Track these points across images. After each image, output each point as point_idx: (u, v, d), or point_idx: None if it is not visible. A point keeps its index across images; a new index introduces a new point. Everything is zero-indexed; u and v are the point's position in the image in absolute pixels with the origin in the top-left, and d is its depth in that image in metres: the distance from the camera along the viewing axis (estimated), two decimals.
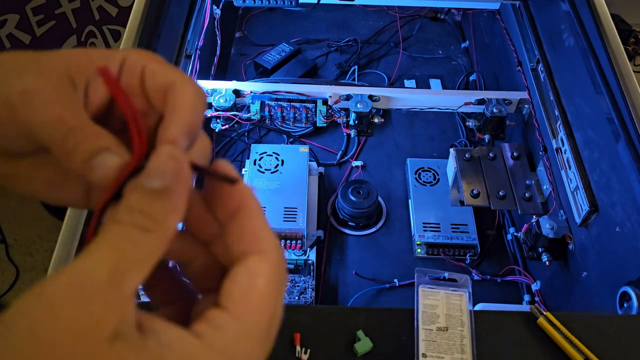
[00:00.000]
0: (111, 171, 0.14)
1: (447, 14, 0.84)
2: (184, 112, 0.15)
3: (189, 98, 0.15)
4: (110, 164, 0.14)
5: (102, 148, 0.15)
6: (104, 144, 0.15)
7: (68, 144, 0.14)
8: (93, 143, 0.15)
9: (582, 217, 0.44)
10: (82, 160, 0.14)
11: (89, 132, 0.15)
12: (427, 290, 0.33)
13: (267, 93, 0.56)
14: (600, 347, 0.31)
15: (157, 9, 0.47)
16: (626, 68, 0.44)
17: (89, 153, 0.14)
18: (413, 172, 0.60)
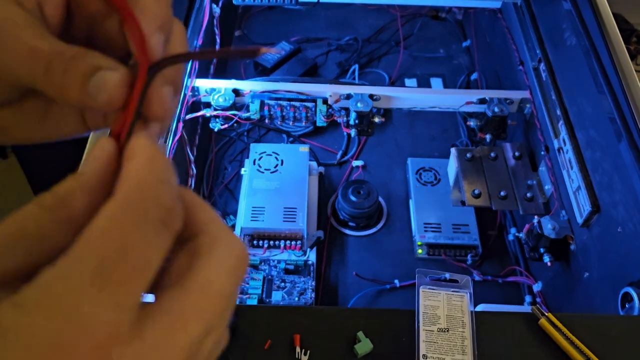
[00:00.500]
0: (116, 90, 0.13)
1: (448, 13, 0.83)
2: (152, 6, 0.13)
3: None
4: (111, 82, 0.13)
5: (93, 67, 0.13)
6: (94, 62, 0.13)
7: (54, 76, 0.13)
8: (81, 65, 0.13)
9: (584, 217, 0.44)
10: (77, 90, 0.13)
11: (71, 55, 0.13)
12: (428, 291, 0.33)
13: (266, 92, 0.55)
14: (602, 348, 0.30)
15: None
16: (628, 67, 0.43)
17: (81, 77, 0.13)
18: (414, 172, 0.60)
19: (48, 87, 0.13)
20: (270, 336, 0.30)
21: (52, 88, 0.13)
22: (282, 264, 0.52)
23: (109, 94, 0.13)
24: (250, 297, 0.49)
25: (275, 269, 0.52)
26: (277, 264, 0.52)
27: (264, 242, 0.53)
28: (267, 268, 0.52)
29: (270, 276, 0.51)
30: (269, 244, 0.53)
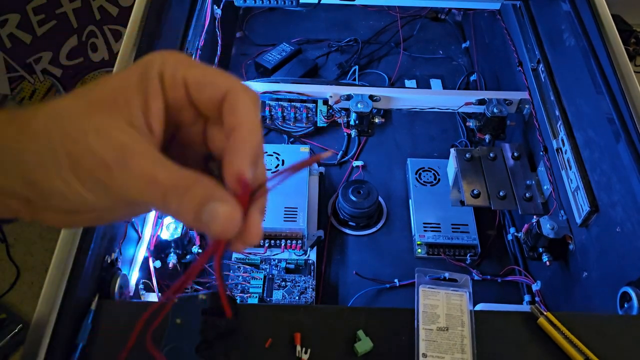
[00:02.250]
0: (227, 222, 0.15)
1: (447, 14, 0.84)
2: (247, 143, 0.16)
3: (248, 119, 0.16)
4: (223, 215, 0.15)
5: (206, 198, 0.15)
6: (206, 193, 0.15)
7: (170, 205, 0.15)
8: (195, 196, 0.15)
9: (582, 217, 0.44)
10: (191, 218, 0.15)
11: (185, 186, 0.15)
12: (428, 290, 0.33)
13: (267, 93, 0.56)
14: (600, 347, 0.31)
15: (158, 9, 0.47)
16: (627, 68, 0.43)
17: (195, 208, 0.15)
18: (413, 172, 0.60)
19: (164, 210, 0.15)
20: (271, 335, 0.31)
21: (168, 212, 0.15)
22: (283, 263, 0.52)
23: (221, 226, 0.15)
24: (251, 296, 0.50)
25: (276, 268, 0.52)
26: (277, 263, 0.52)
27: (265, 241, 0.53)
28: (268, 267, 0.52)
29: (271, 275, 0.52)
30: (269, 244, 0.53)
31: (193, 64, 0.16)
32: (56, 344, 0.29)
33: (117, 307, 0.33)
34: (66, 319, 0.30)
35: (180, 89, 0.16)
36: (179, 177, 0.15)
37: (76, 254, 0.32)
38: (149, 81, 0.16)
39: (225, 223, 0.15)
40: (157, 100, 0.16)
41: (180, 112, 0.17)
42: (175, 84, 0.16)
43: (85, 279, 0.32)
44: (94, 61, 1.05)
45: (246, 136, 0.16)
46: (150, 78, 0.16)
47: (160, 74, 0.16)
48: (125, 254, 0.39)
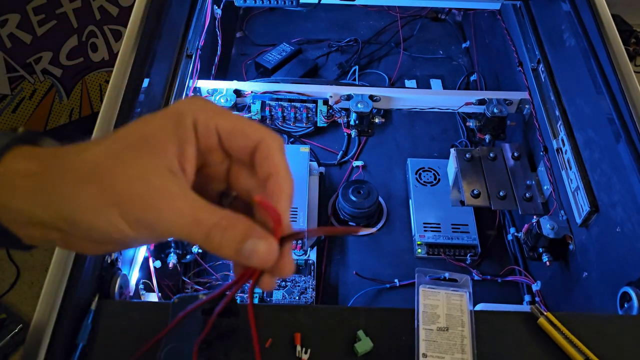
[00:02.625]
0: (266, 256, 0.17)
1: (447, 14, 0.84)
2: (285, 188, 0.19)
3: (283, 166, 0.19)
4: (262, 250, 0.17)
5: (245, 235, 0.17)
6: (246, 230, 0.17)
7: (213, 241, 0.17)
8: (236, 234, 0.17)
9: (582, 217, 0.44)
10: (232, 253, 0.17)
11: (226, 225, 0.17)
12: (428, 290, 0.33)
13: (267, 93, 0.56)
14: (600, 347, 0.30)
15: (158, 9, 0.47)
16: (627, 68, 0.43)
17: (236, 244, 0.17)
18: (413, 172, 0.60)
19: (206, 248, 0.17)
20: (271, 335, 0.31)
21: (210, 249, 0.17)
22: None
23: (261, 259, 0.17)
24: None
25: None
26: None
27: None
28: None
29: None
30: None
31: (225, 114, 0.18)
32: (56, 344, 0.29)
33: (117, 307, 0.33)
34: (66, 319, 0.30)
35: (213, 136, 0.18)
36: (220, 217, 0.17)
37: (76, 254, 0.32)
38: (184, 128, 0.18)
39: (265, 257, 0.17)
40: (191, 147, 0.18)
41: (209, 155, 0.19)
42: (208, 133, 0.18)
43: (85, 279, 0.32)
44: (94, 61, 1.05)
45: (283, 183, 0.19)
46: (185, 125, 0.18)
47: (194, 122, 0.18)
48: (125, 254, 0.39)
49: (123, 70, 0.41)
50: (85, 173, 0.17)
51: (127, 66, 0.41)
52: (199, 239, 0.17)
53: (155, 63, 0.44)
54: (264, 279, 0.18)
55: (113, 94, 0.39)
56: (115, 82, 0.40)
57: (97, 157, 0.17)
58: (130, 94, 0.40)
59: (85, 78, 1.06)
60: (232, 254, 0.17)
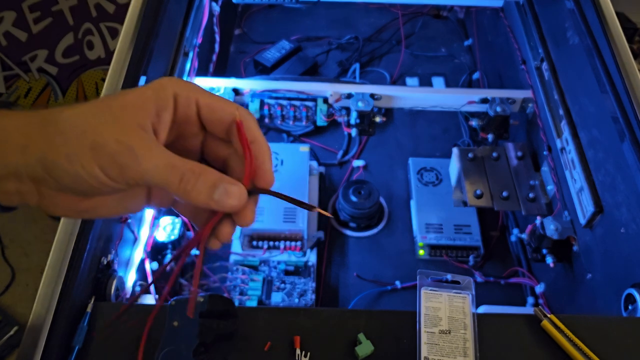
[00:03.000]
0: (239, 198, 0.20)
1: (450, 12, 0.83)
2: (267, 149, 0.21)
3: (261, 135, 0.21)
4: (235, 193, 0.19)
5: (218, 180, 0.19)
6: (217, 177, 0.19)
7: (187, 185, 0.19)
8: (209, 179, 0.19)
9: (586, 218, 0.44)
10: (205, 196, 0.19)
11: (199, 171, 0.19)
12: (430, 292, 0.32)
13: (266, 91, 0.55)
14: (604, 350, 0.30)
15: (155, 6, 0.46)
16: (631, 67, 0.43)
17: (208, 188, 0.19)
18: (415, 172, 0.60)
19: (180, 191, 0.19)
20: (270, 338, 0.30)
21: (183, 193, 0.19)
22: (282, 265, 0.52)
23: (233, 201, 0.20)
24: (250, 299, 0.49)
25: (275, 270, 0.52)
26: (277, 265, 0.52)
27: (264, 243, 0.52)
28: (267, 269, 0.52)
29: (270, 277, 0.51)
30: (268, 245, 0.52)
31: (204, 91, 0.21)
32: (52, 346, 0.28)
33: (114, 309, 0.32)
34: (62, 321, 0.29)
35: (192, 108, 0.20)
36: (193, 164, 0.19)
37: (72, 255, 0.31)
38: (163, 97, 0.20)
39: (237, 199, 0.20)
40: (168, 114, 0.20)
41: (186, 125, 0.21)
42: (188, 104, 0.20)
43: (81, 280, 0.31)
44: (90, 59, 1.04)
45: (265, 146, 0.21)
46: (165, 95, 0.20)
47: (175, 94, 0.20)
48: (122, 256, 0.39)
49: (119, 68, 0.40)
50: (66, 124, 0.19)
51: (123, 64, 0.41)
52: (174, 181, 0.19)
53: (152, 61, 0.44)
54: (224, 227, 0.21)
55: (109, 92, 0.39)
56: (111, 80, 0.40)
57: (77, 112, 0.19)
58: None
59: (81, 76, 1.05)
60: (204, 197, 0.19)
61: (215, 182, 0.19)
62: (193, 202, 0.19)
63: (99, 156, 0.18)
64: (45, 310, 0.29)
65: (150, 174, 0.19)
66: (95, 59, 1.04)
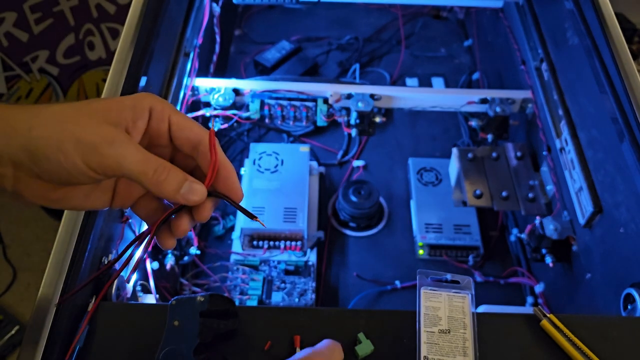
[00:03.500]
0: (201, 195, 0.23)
1: (449, 12, 0.83)
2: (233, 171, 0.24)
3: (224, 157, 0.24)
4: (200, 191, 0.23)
5: (185, 178, 0.23)
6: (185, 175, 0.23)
7: (159, 177, 0.22)
8: (178, 175, 0.22)
9: (586, 218, 0.44)
10: (173, 189, 0.22)
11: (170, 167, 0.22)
12: (429, 292, 0.32)
13: (266, 92, 0.55)
14: (604, 349, 0.30)
15: (156, 7, 0.46)
16: (630, 67, 0.43)
17: (177, 183, 0.22)
18: (415, 172, 0.60)
19: (152, 182, 0.22)
20: (270, 337, 0.30)
21: (155, 184, 0.22)
22: (282, 264, 0.52)
23: (198, 197, 0.23)
24: (250, 298, 0.49)
25: (276, 270, 0.52)
26: (277, 264, 0.52)
27: (264, 242, 0.53)
28: (267, 269, 0.52)
29: (271, 277, 0.51)
30: (269, 245, 0.52)
31: (177, 110, 0.24)
32: (52, 345, 0.28)
33: (114, 308, 0.32)
34: (63, 320, 0.29)
35: (165, 124, 0.23)
36: (163, 161, 0.22)
37: (73, 255, 0.31)
38: (140, 108, 0.22)
39: (199, 195, 0.23)
40: (142, 122, 0.23)
41: (158, 138, 0.24)
42: (162, 119, 0.23)
43: (82, 280, 0.31)
44: (91, 59, 1.04)
45: (229, 165, 0.24)
46: (141, 106, 0.22)
47: (150, 107, 0.23)
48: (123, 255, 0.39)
49: (120, 68, 0.41)
50: (50, 116, 0.21)
51: (124, 65, 0.41)
52: (148, 172, 0.21)
53: (153, 61, 0.44)
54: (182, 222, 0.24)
55: (110, 92, 0.39)
56: (112, 81, 0.40)
57: (61, 108, 0.21)
58: (128, 92, 0.39)
59: (82, 77, 1.05)
60: (172, 190, 0.22)
61: (183, 179, 0.22)
62: (162, 193, 0.22)
63: (81, 146, 0.20)
64: (47, 309, 0.29)
65: (127, 164, 0.21)
66: (96, 59, 1.04)
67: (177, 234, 0.24)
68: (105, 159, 0.21)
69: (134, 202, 0.26)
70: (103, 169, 0.21)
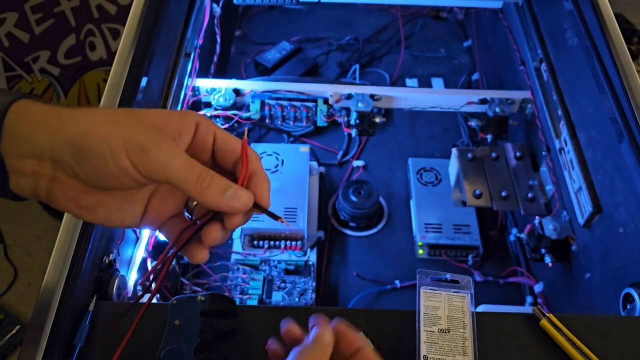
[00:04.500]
0: (248, 202, 0.22)
1: (449, 13, 0.83)
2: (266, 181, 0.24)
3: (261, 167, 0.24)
4: (244, 197, 0.22)
5: (229, 185, 0.22)
6: (229, 183, 0.22)
7: (203, 183, 0.21)
8: (222, 181, 0.22)
9: (585, 218, 0.44)
10: (216, 196, 0.22)
11: (213, 173, 0.22)
12: (429, 291, 0.33)
13: (267, 92, 0.55)
14: (603, 349, 0.30)
15: (157, 8, 0.46)
16: (630, 68, 0.43)
17: (221, 189, 0.22)
18: (415, 172, 0.60)
19: (196, 189, 0.21)
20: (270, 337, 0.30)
21: (199, 190, 0.21)
22: (283, 264, 0.52)
23: (242, 204, 0.22)
24: (250, 298, 0.49)
25: (276, 270, 0.52)
26: (277, 264, 0.52)
27: (264, 242, 0.53)
28: (268, 268, 0.52)
29: (271, 276, 0.51)
30: (269, 245, 0.53)
31: (219, 127, 0.24)
32: (54, 345, 0.29)
33: (115, 308, 0.32)
34: (64, 320, 0.29)
35: (210, 137, 0.23)
36: (207, 168, 0.22)
37: (74, 254, 0.32)
38: (187, 122, 0.23)
39: (245, 202, 0.22)
40: (188, 136, 0.23)
41: (200, 153, 0.24)
42: (207, 134, 0.23)
43: (83, 279, 0.31)
44: (92, 60, 1.04)
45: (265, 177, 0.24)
46: (187, 120, 0.23)
47: (197, 122, 0.23)
48: (124, 255, 0.39)
49: (121, 69, 0.41)
50: (99, 114, 0.21)
51: (125, 65, 0.41)
52: (191, 179, 0.21)
53: (154, 62, 0.44)
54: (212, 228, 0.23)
55: (111, 93, 0.39)
56: (113, 81, 0.40)
57: (116, 111, 0.22)
58: (129, 93, 0.39)
59: (83, 77, 1.05)
60: (215, 197, 0.22)
61: (226, 185, 0.22)
62: (205, 199, 0.21)
63: (131, 145, 0.20)
64: (47, 309, 0.29)
65: (172, 168, 0.21)
66: (97, 60, 1.04)
67: (207, 242, 0.23)
68: (153, 160, 0.21)
69: (164, 221, 0.25)
70: (148, 171, 0.21)
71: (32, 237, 1.00)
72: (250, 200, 0.22)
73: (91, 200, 0.22)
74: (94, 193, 0.22)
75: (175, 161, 0.21)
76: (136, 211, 0.24)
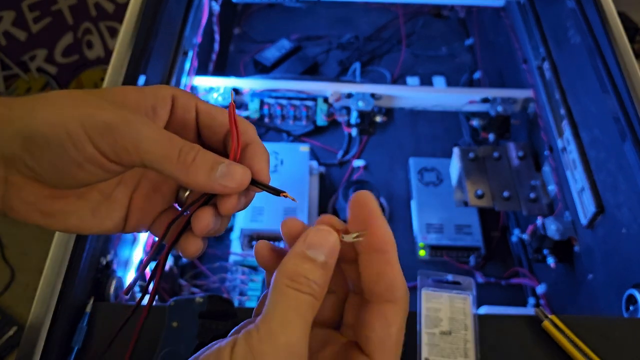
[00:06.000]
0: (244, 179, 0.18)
1: (450, 11, 0.83)
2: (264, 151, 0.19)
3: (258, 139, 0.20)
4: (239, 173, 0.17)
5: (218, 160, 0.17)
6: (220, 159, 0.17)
7: (186, 160, 0.17)
8: (209, 156, 0.17)
9: (588, 218, 0.44)
10: (205, 174, 0.17)
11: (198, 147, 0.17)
12: (430, 293, 0.32)
13: (266, 91, 0.55)
14: (605, 350, 0.30)
15: (155, 5, 0.46)
16: (633, 66, 0.43)
17: (209, 166, 0.17)
18: (416, 172, 0.59)
19: (177, 168, 0.17)
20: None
21: (181, 169, 0.17)
22: None
23: (237, 182, 0.17)
24: (249, 299, 0.49)
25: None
26: None
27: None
28: None
29: None
30: None
31: (203, 100, 0.20)
32: (51, 346, 0.28)
33: (113, 309, 0.32)
34: (61, 321, 0.29)
35: (192, 113, 0.19)
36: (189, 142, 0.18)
37: (71, 255, 0.31)
38: (160, 95, 0.19)
39: (240, 180, 0.18)
40: (163, 111, 0.19)
41: (183, 132, 0.19)
42: (188, 107, 0.19)
43: (80, 281, 0.31)
44: (90, 58, 1.04)
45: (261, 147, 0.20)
46: (162, 94, 0.19)
47: (173, 95, 0.19)
48: (121, 256, 0.39)
49: (119, 67, 0.40)
50: (58, 98, 0.17)
51: (123, 63, 0.40)
52: (172, 154, 0.17)
53: (152, 60, 0.43)
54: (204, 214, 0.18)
55: None
56: (111, 80, 0.40)
57: (73, 91, 0.17)
58: None
59: (81, 75, 1.05)
60: (204, 174, 0.17)
61: (216, 160, 0.17)
62: (192, 179, 0.17)
63: (92, 126, 0.16)
64: (45, 310, 0.29)
65: (145, 145, 0.16)
66: (95, 58, 1.04)
67: (198, 231, 0.18)
68: (121, 139, 0.16)
69: (154, 219, 0.20)
70: (116, 152, 0.16)
71: (29, 237, 1.00)
72: (246, 177, 0.18)
73: (57, 206, 0.18)
74: (59, 197, 0.18)
75: (149, 136, 0.16)
76: (116, 214, 0.19)
